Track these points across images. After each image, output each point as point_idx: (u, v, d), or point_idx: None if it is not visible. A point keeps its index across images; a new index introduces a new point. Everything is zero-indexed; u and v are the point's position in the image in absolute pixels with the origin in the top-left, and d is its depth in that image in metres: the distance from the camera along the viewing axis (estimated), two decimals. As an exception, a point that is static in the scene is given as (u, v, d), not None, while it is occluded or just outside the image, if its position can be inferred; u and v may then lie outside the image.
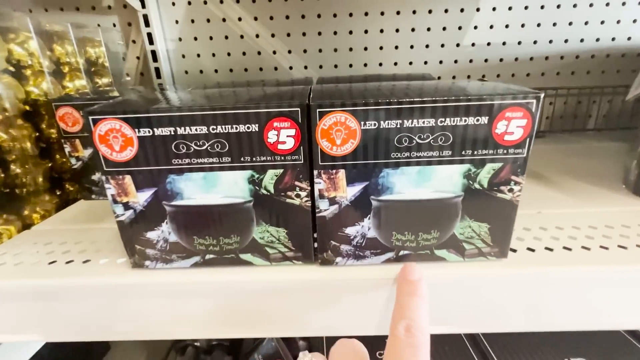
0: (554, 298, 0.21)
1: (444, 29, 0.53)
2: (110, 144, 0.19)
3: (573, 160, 0.42)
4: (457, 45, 0.54)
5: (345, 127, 0.18)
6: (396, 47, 0.54)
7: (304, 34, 0.54)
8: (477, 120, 0.18)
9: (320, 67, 0.56)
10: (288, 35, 0.54)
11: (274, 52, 0.55)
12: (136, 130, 0.19)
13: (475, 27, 0.53)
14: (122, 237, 0.21)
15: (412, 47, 0.54)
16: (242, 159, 0.19)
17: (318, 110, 0.18)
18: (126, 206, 0.20)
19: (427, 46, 0.54)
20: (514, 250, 0.23)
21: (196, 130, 0.19)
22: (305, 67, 0.56)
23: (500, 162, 0.19)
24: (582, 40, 0.54)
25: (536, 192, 0.32)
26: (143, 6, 0.50)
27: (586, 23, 0.53)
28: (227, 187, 0.20)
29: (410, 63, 0.55)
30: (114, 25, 0.53)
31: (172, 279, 0.22)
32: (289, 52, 0.55)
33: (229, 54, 0.55)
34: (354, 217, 0.20)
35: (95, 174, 0.35)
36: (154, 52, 0.53)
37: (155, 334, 0.23)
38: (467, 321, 0.22)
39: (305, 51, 0.55)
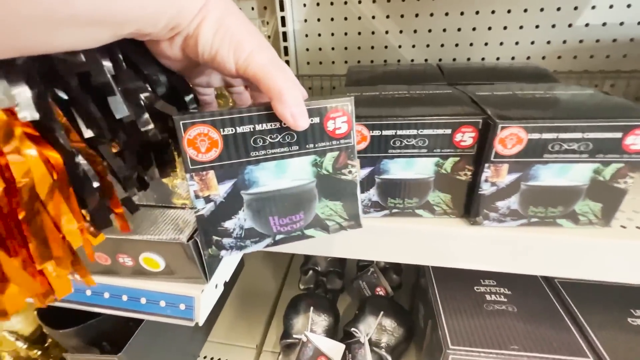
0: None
1: (559, 9, 0.55)
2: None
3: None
4: (569, 25, 0.56)
5: (516, 137, 0.27)
6: (505, 28, 0.58)
7: (416, 15, 0.59)
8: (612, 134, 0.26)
9: (427, 46, 0.61)
10: (402, 16, 0.59)
11: (387, 32, 0.61)
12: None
13: (593, 7, 0.54)
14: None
15: (521, 27, 0.57)
16: (434, 151, 0.29)
17: (500, 125, 0.27)
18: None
19: (537, 26, 0.57)
20: (624, 227, 0.31)
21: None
22: (413, 46, 0.62)
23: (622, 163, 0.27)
24: None
25: None
26: (280, -8, 0.58)
27: None
28: (419, 167, 0.31)
29: (517, 43, 0.58)
30: (252, 8, 0.62)
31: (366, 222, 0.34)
32: (400, 32, 0.61)
33: (345, 34, 0.62)
34: (505, 194, 0.30)
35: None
36: (284, 33, 0.62)
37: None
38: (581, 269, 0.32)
39: (415, 31, 0.60)
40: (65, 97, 0.20)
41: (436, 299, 0.43)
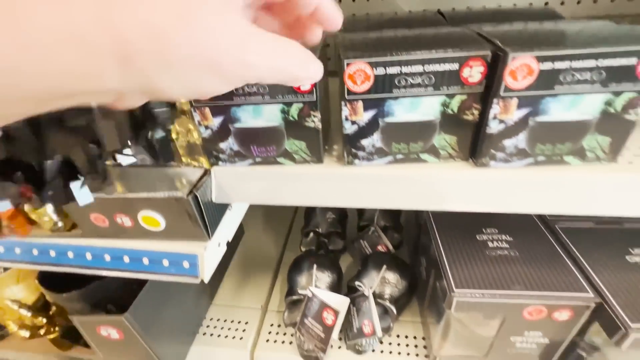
0: None
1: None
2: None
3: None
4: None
5: (527, 68, 0.26)
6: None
7: (415, -41, 0.55)
8: None
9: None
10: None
11: (384, -21, 0.57)
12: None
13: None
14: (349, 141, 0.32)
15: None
16: (441, 88, 0.28)
17: (512, 55, 0.25)
18: (353, 122, 0.31)
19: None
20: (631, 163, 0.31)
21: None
22: (413, -6, 0.58)
23: None
24: None
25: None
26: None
27: None
28: (425, 108, 0.29)
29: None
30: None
31: (371, 171, 0.33)
32: (398, -22, 0.57)
33: (339, -17, 0.58)
34: (512, 132, 0.29)
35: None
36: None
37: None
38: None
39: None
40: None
41: (439, 247, 0.43)
